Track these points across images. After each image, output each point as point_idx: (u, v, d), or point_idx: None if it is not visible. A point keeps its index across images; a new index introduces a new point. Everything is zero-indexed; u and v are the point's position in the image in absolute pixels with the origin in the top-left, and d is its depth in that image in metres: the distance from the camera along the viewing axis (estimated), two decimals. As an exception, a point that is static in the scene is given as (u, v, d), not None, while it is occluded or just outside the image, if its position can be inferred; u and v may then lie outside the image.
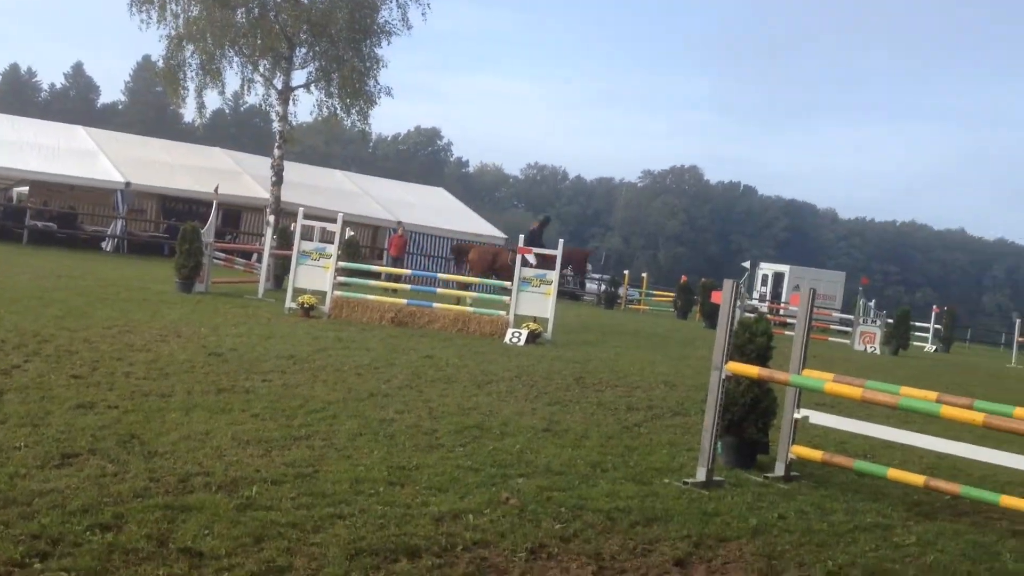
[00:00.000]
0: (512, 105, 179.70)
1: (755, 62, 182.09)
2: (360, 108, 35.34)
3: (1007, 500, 6.53)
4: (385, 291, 19.01)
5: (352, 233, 30.76)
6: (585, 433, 8.34)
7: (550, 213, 55.05)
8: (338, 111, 35.61)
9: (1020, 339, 34.81)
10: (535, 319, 16.47)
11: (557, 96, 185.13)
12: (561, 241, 18.00)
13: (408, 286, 19.59)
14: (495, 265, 20.78)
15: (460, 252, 24.86)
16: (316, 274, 16.85)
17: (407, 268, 31.16)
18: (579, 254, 21.05)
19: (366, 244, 39.16)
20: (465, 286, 21.65)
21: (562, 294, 33.01)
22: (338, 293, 16.95)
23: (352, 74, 34.48)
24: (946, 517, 6.90)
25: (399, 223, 35.69)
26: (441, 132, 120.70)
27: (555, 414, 9.15)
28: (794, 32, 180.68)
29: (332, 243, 17.24)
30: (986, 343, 58.29)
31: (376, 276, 22.48)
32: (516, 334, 15.71)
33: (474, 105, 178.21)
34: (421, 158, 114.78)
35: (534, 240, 20.88)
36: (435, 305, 17.05)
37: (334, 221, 17.49)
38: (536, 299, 16.75)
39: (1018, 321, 36.23)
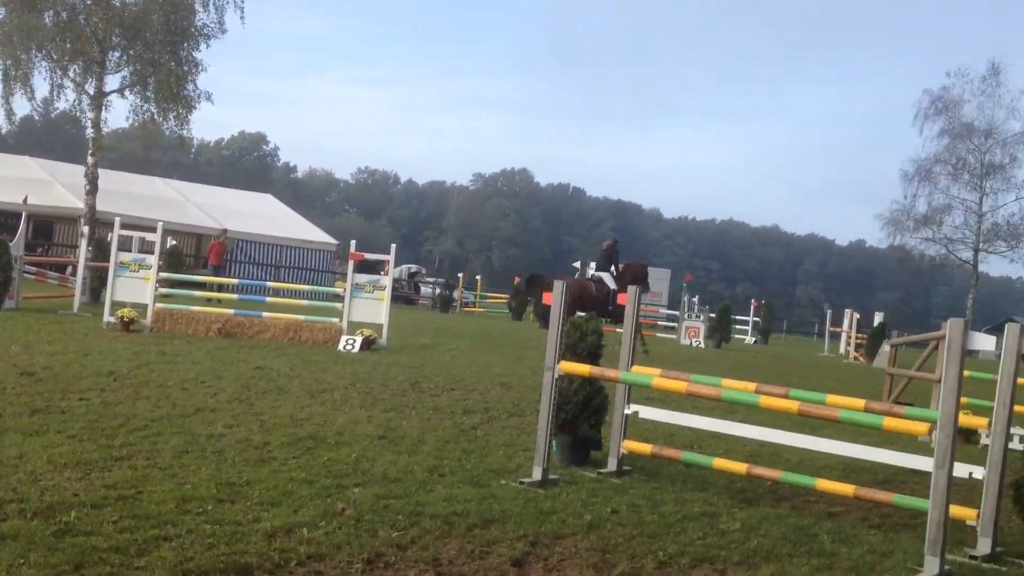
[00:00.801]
0: (342, 109, 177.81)
1: (579, 66, 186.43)
2: (178, 113, 34.15)
3: (823, 483, 6.90)
4: (210, 301, 18.41)
5: (175, 242, 29.68)
6: (422, 438, 8.31)
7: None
8: (155, 116, 34.31)
9: (831, 329, 36.91)
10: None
11: (388, 100, 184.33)
12: (393, 246, 17.84)
13: (234, 296, 19.02)
14: (582, 296, 19.67)
15: (535, 282, 22.11)
16: (136, 286, 16.13)
17: (233, 277, 30.29)
18: (638, 268, 19.99)
19: (190, 253, 37.85)
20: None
21: (396, 299, 32.85)
22: (160, 305, 16.31)
23: (169, 78, 33.27)
24: (768, 502, 7.23)
25: (223, 231, 34.65)
26: (267, 137, 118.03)
27: (391, 421, 9.08)
28: (617, 38, 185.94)
29: (152, 253, 16.56)
30: (800, 333, 61.61)
31: (201, 286, 21.76)
32: (350, 341, 15.51)
33: (302, 110, 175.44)
34: (246, 164, 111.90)
35: (610, 260, 20.52)
36: (265, 315, 16.64)
37: (155, 230, 16.81)
38: (370, 305, 16.58)
39: (828, 312, 38.46)
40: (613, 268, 21.07)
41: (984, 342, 6.39)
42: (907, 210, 49.90)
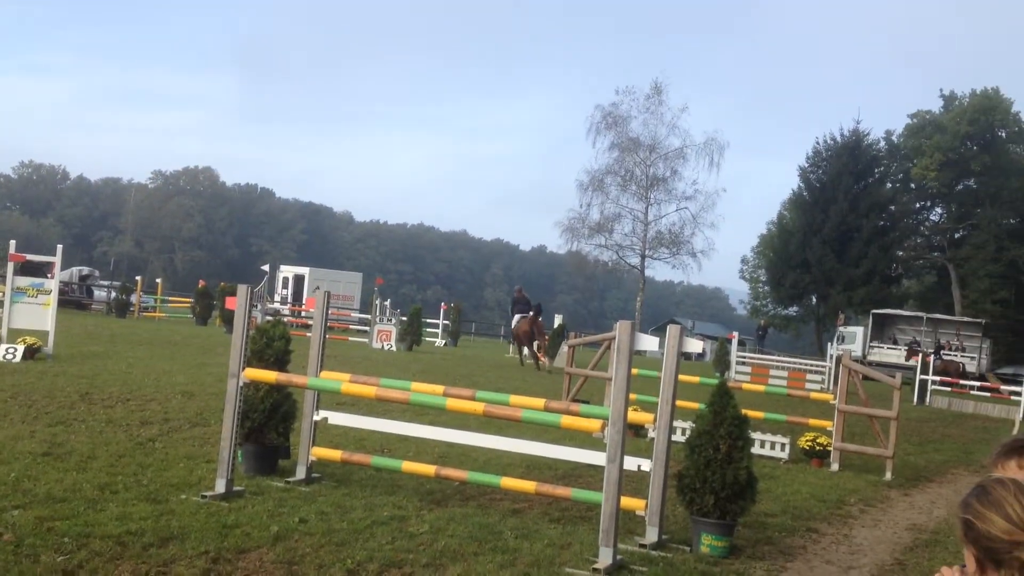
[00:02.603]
0: (2, 97, 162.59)
1: (268, 66, 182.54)
2: None
3: (507, 481, 7.13)
4: None
5: None
6: (92, 454, 7.73)
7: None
8: None
9: (516, 330, 38.39)
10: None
11: (55, 89, 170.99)
12: (60, 247, 16.51)
13: None
14: (535, 329, 23.79)
15: (523, 333, 24.66)
16: None
17: None
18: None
19: None
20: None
21: (66, 303, 30.43)
22: None
23: None
24: (456, 502, 7.37)
25: None
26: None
27: (58, 435, 8.38)
28: (308, 41, 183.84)
29: None
30: (488, 335, 63.68)
31: None
32: (10, 350, 14.17)
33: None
34: None
35: (526, 302, 24.17)
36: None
37: None
38: (33, 311, 15.22)
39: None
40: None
41: (648, 343, 6.87)
42: (582, 218, 52.92)
